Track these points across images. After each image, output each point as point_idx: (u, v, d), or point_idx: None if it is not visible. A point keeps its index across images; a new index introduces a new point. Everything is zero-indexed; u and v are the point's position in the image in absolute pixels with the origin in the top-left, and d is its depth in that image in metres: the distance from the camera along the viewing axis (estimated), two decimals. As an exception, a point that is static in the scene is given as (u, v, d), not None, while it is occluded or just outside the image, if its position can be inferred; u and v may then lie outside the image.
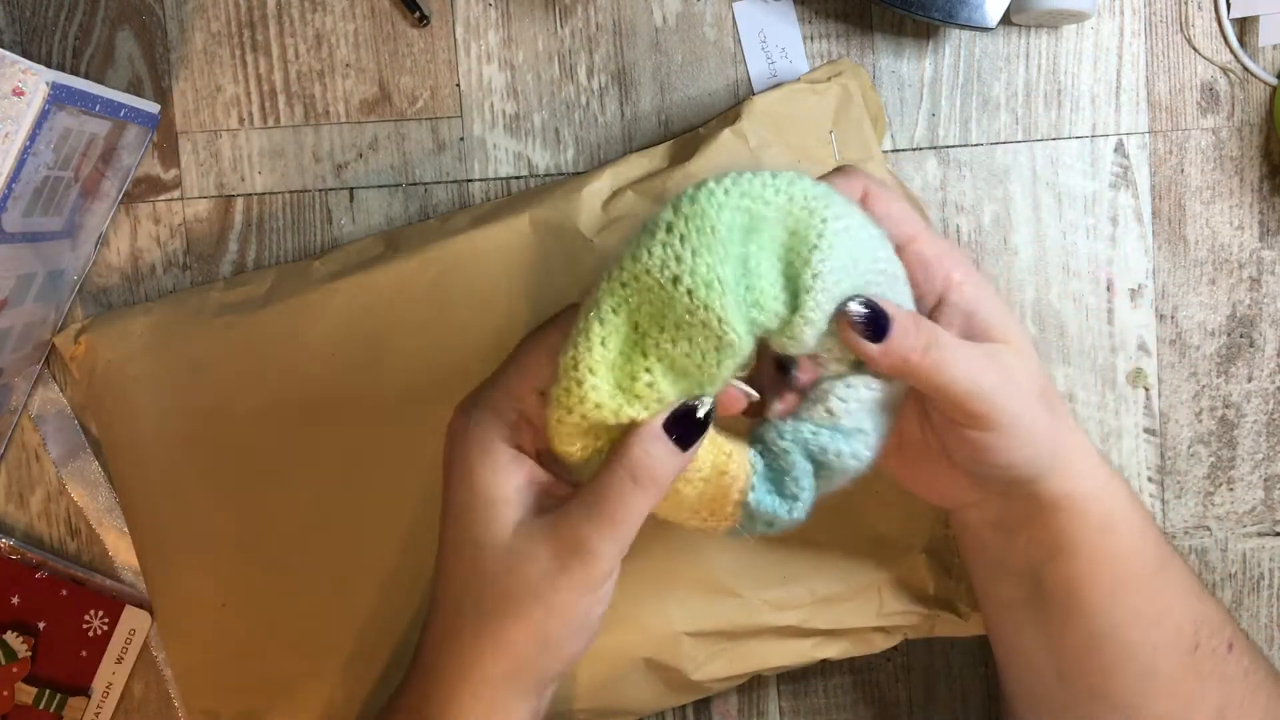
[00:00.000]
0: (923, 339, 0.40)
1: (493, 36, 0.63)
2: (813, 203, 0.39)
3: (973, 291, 0.43)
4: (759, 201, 0.39)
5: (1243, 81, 0.64)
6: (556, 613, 0.41)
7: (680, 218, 0.38)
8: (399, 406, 0.58)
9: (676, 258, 0.38)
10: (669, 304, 0.38)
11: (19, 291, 0.57)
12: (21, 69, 0.50)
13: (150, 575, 0.60)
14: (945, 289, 0.43)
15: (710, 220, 0.38)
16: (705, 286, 0.38)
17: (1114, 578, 0.47)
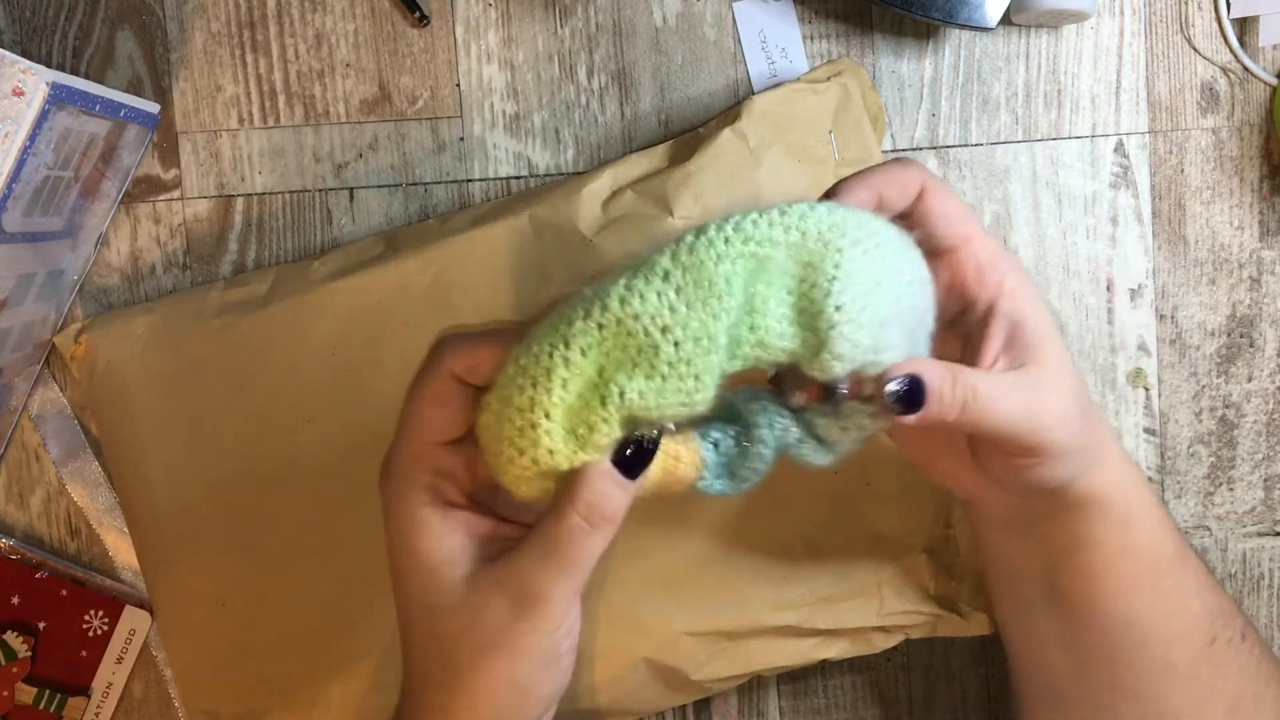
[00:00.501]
0: (959, 397, 0.39)
1: (493, 36, 0.63)
2: (827, 234, 0.37)
3: (1023, 300, 0.42)
4: (766, 244, 0.37)
5: (1243, 81, 0.64)
6: (522, 658, 0.40)
7: (679, 268, 0.36)
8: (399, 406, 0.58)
9: (670, 309, 0.36)
10: (647, 352, 0.36)
11: (19, 291, 0.57)
12: (21, 69, 0.50)
13: (150, 575, 0.60)
14: (997, 295, 0.42)
15: (709, 274, 0.36)
16: (694, 341, 0.36)
17: (1132, 571, 0.47)
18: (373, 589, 0.58)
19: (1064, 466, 0.44)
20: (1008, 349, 0.42)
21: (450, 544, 0.41)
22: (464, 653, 0.41)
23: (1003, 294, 0.42)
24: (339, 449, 0.58)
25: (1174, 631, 0.48)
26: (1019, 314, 0.42)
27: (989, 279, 0.42)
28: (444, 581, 0.41)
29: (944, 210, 0.41)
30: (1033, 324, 0.42)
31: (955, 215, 0.42)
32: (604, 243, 0.58)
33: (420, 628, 0.42)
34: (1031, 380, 0.41)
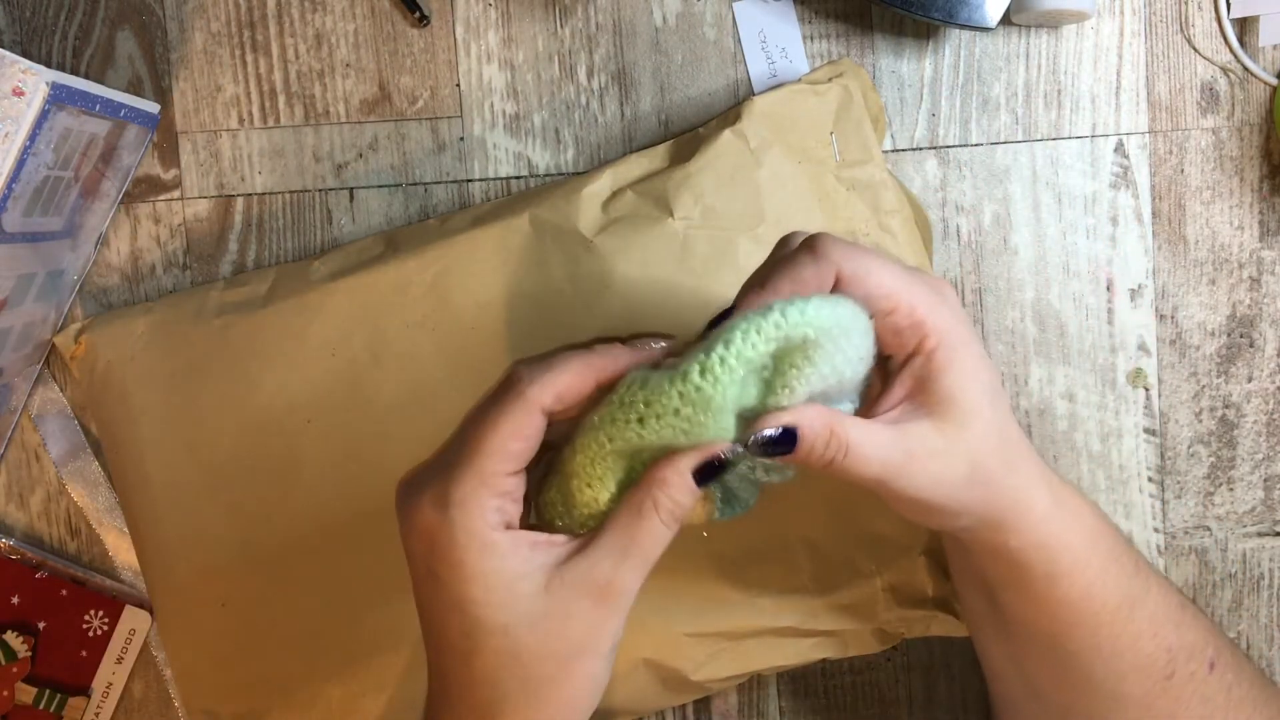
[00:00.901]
0: (830, 451, 0.41)
1: (493, 36, 0.63)
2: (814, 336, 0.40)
3: (941, 359, 0.43)
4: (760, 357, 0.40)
5: (1243, 81, 0.64)
6: (604, 655, 0.42)
7: (688, 404, 0.40)
8: (399, 406, 0.58)
9: (685, 433, 0.40)
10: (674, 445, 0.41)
11: (19, 291, 0.57)
12: (21, 69, 0.50)
13: (150, 575, 0.60)
14: (913, 354, 0.43)
15: (717, 403, 0.40)
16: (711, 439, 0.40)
17: (1067, 618, 0.47)
18: (372, 589, 0.58)
19: (942, 520, 0.44)
20: (910, 398, 0.43)
21: (517, 561, 0.41)
22: (549, 662, 0.41)
23: (919, 354, 0.43)
24: (339, 449, 0.58)
25: (1122, 670, 0.47)
26: (930, 371, 0.43)
27: (906, 342, 0.43)
28: (518, 598, 0.41)
29: (864, 295, 0.42)
30: (944, 382, 0.43)
31: (876, 294, 0.43)
32: (604, 243, 0.58)
33: (490, 651, 0.42)
34: (917, 437, 0.42)
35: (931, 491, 0.42)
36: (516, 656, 0.41)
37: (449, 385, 0.58)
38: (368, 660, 0.58)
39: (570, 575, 0.41)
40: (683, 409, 0.40)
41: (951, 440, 0.42)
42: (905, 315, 0.42)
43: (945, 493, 0.43)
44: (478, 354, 0.58)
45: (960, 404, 0.43)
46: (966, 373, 0.43)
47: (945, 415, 0.42)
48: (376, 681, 0.58)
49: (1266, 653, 0.65)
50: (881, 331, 0.43)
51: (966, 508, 0.44)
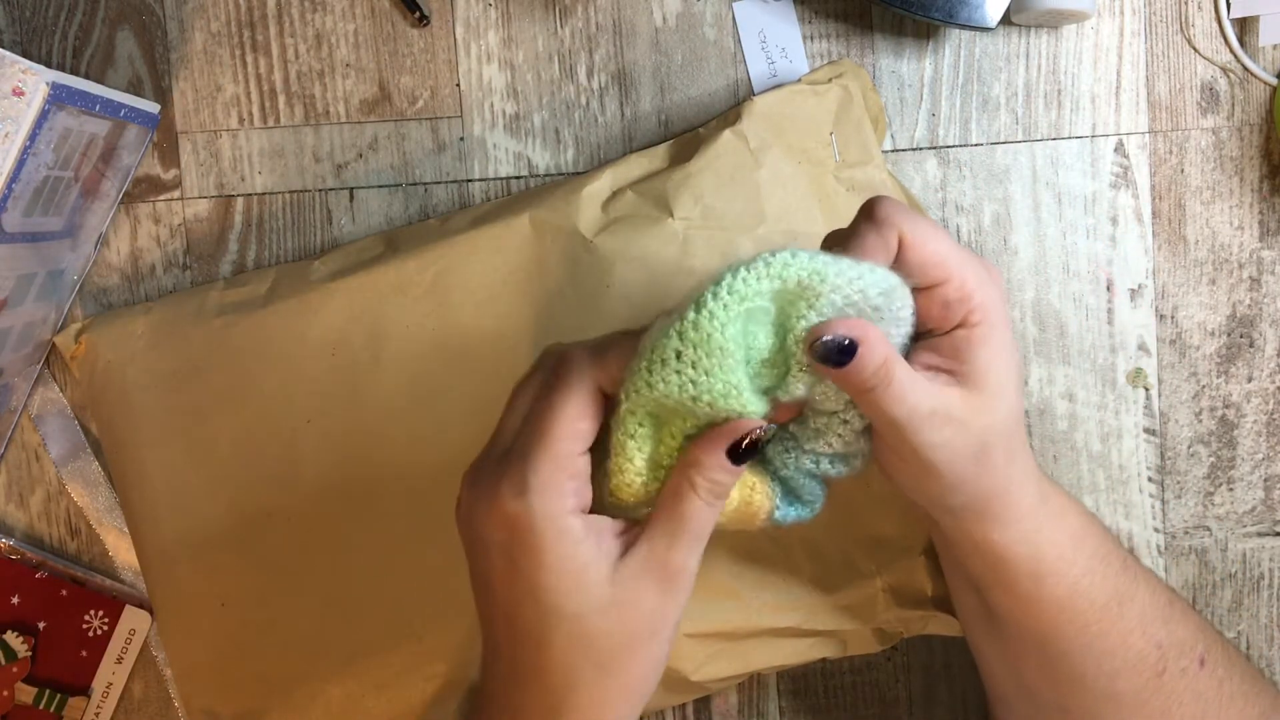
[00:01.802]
0: (879, 377, 0.41)
1: (493, 36, 0.63)
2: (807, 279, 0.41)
3: (978, 336, 0.43)
4: (756, 297, 0.40)
5: (1243, 81, 0.64)
6: (667, 636, 0.43)
7: (689, 345, 0.40)
8: (399, 406, 0.58)
9: (692, 382, 0.40)
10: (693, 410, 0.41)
11: (19, 291, 0.57)
12: (21, 69, 0.50)
13: (150, 575, 0.60)
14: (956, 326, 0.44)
15: (717, 341, 0.40)
16: (723, 398, 0.40)
17: (1055, 616, 0.47)
18: (372, 589, 0.58)
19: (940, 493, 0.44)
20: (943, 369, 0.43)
21: (588, 547, 0.42)
22: (618, 644, 0.42)
23: (962, 327, 0.43)
24: (339, 449, 0.58)
25: (1114, 668, 0.48)
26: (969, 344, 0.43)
27: (953, 315, 0.43)
28: (589, 584, 0.42)
29: (920, 260, 0.43)
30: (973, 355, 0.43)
31: (933, 261, 0.43)
32: (604, 243, 0.58)
33: (563, 636, 0.42)
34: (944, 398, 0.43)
35: (939, 454, 0.43)
36: (589, 642, 0.42)
37: (449, 385, 0.58)
38: (368, 660, 0.58)
39: (633, 561, 0.42)
40: (684, 351, 0.40)
41: (973, 414, 0.43)
42: (956, 288, 0.43)
43: (950, 461, 0.43)
44: (478, 354, 0.58)
45: (990, 383, 0.43)
46: (1001, 354, 0.43)
47: (975, 389, 0.43)
48: (376, 681, 0.58)
49: (1266, 652, 0.65)
50: (928, 304, 0.43)
51: (962, 484, 0.44)
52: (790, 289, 0.41)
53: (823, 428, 0.43)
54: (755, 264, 0.40)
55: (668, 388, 0.40)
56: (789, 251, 0.41)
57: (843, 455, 0.44)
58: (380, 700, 0.58)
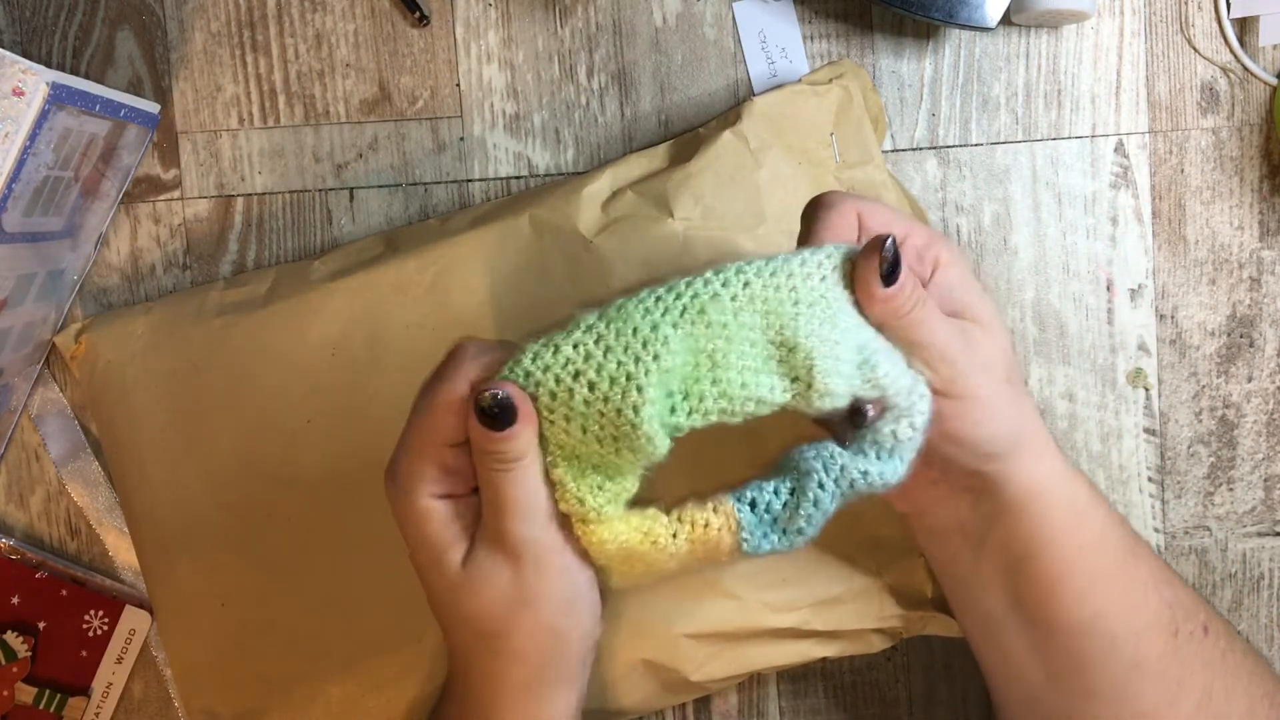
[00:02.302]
0: (915, 297, 0.43)
1: (493, 36, 0.63)
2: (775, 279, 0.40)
3: (955, 274, 0.45)
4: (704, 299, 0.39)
5: (1243, 81, 0.64)
6: (541, 603, 0.44)
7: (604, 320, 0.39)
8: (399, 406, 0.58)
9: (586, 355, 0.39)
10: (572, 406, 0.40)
11: (19, 291, 0.57)
12: (21, 69, 0.50)
13: (150, 575, 0.60)
14: (934, 270, 0.46)
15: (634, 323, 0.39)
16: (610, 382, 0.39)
17: (1089, 569, 0.48)
18: (372, 589, 0.58)
19: (988, 423, 0.45)
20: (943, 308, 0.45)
21: (451, 530, 0.44)
22: (490, 617, 0.44)
23: (939, 267, 0.45)
24: (339, 449, 0.58)
25: (1139, 627, 0.49)
26: (951, 284, 0.45)
27: (926, 259, 0.45)
28: (451, 565, 0.44)
29: (880, 224, 0.45)
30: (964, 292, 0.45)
31: (890, 221, 0.45)
32: (604, 243, 0.58)
33: (447, 615, 0.45)
34: (963, 326, 0.45)
35: (984, 376, 0.44)
36: (465, 618, 0.45)
37: (449, 385, 0.58)
38: (368, 660, 0.58)
39: (479, 543, 0.43)
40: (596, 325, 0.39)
41: (985, 337, 0.45)
42: (920, 237, 0.45)
43: (993, 382, 0.44)
44: (478, 354, 0.58)
45: (985, 312, 0.45)
46: (978, 287, 0.46)
47: (976, 319, 0.45)
48: (376, 681, 0.58)
49: (1267, 652, 0.65)
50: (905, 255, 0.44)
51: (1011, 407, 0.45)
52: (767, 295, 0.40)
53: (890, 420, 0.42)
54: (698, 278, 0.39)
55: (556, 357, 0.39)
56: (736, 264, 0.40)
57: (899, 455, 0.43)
58: (380, 700, 0.58)
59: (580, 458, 0.41)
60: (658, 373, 0.39)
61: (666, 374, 0.39)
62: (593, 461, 0.41)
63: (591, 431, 0.40)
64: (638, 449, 0.40)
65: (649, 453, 0.40)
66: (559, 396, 0.40)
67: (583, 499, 0.42)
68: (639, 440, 0.39)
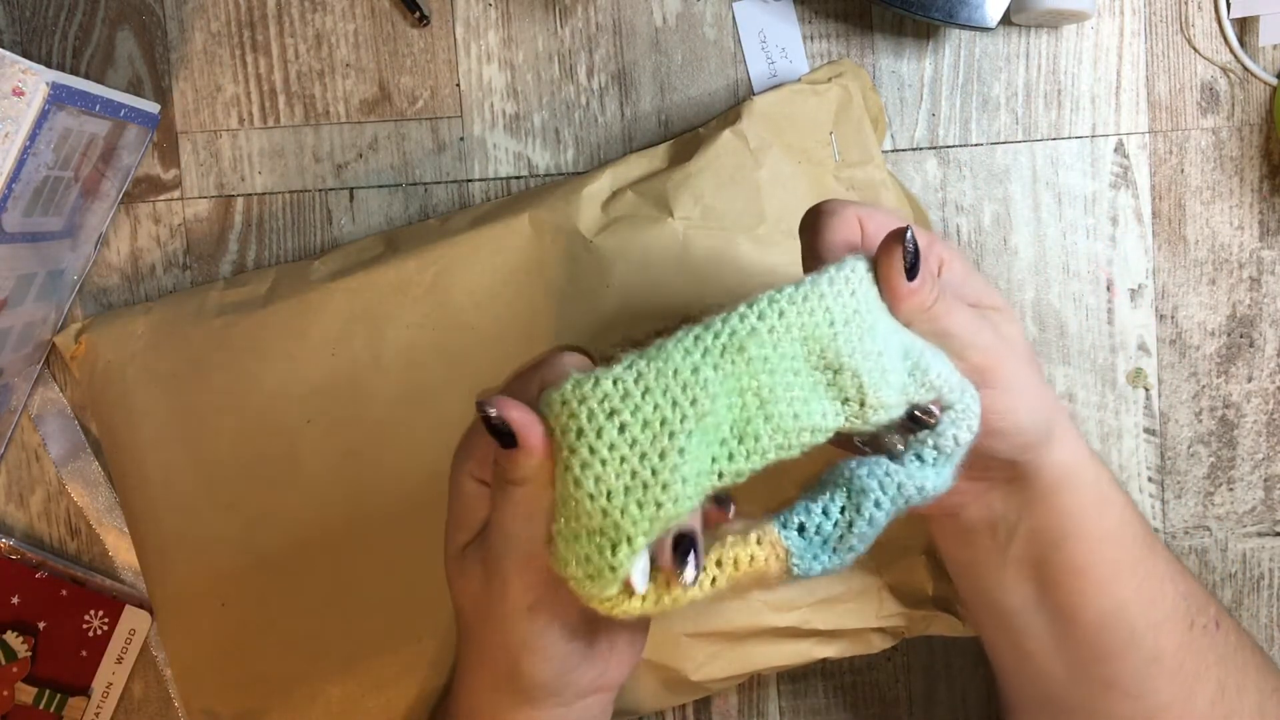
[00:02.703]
0: (937, 288, 0.42)
1: (493, 36, 0.63)
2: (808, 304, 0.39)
3: (959, 269, 0.45)
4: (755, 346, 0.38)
5: (1243, 81, 0.64)
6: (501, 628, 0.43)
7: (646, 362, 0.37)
8: (399, 406, 0.58)
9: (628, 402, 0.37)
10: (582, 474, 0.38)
11: (19, 291, 0.57)
12: (21, 69, 0.50)
13: (150, 575, 0.60)
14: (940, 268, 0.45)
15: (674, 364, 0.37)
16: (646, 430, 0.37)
17: (1115, 556, 0.48)
18: (372, 589, 0.58)
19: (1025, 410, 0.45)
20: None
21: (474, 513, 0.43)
22: (464, 614, 0.45)
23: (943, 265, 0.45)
24: (339, 449, 0.58)
25: (1157, 619, 0.49)
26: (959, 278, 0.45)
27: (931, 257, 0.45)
28: (454, 545, 0.44)
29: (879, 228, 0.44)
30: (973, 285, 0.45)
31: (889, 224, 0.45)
32: (604, 243, 0.58)
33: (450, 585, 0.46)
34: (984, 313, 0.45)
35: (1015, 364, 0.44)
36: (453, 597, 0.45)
37: (449, 385, 0.58)
38: (368, 660, 0.58)
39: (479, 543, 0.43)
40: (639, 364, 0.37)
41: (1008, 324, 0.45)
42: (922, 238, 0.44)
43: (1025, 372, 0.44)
44: (478, 354, 0.58)
45: (996, 299, 0.45)
46: (984, 280, 0.46)
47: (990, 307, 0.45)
48: (376, 681, 0.58)
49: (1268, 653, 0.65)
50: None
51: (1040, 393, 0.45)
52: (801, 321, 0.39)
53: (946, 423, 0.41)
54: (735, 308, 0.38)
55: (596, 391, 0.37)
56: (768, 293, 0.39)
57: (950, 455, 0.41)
58: (380, 700, 0.58)
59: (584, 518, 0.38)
60: (695, 419, 0.37)
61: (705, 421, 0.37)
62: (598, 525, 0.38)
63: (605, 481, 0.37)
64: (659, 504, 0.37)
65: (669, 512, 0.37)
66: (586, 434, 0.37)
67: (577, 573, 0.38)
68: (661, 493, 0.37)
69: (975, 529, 0.50)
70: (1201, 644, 0.50)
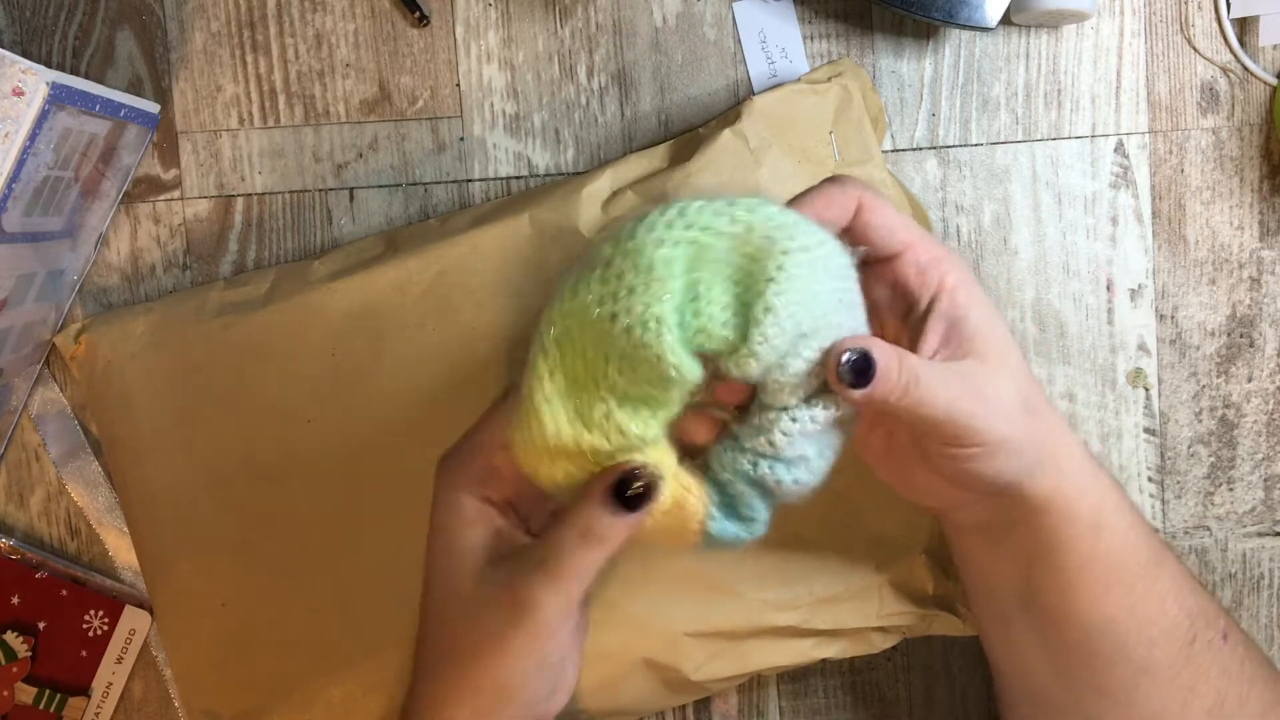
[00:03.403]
0: (904, 379, 0.40)
1: (493, 36, 0.63)
2: (774, 232, 0.39)
3: (963, 298, 0.43)
4: (708, 232, 0.38)
5: (1243, 81, 0.64)
6: (511, 662, 0.42)
7: (619, 253, 0.37)
8: (399, 406, 0.58)
9: (613, 296, 0.37)
10: (611, 338, 0.38)
11: (19, 291, 0.57)
12: (21, 69, 0.50)
13: (150, 575, 0.60)
14: (937, 294, 0.44)
15: (648, 257, 0.37)
16: (642, 326, 0.37)
17: (1106, 575, 0.48)
18: (372, 589, 0.58)
19: (1007, 460, 0.44)
20: (946, 343, 0.43)
21: (475, 534, 0.42)
22: (465, 643, 0.43)
23: (943, 291, 0.43)
24: (339, 449, 0.58)
25: (1152, 635, 0.48)
26: (957, 310, 0.43)
27: (929, 279, 0.43)
28: (460, 570, 0.43)
29: (882, 222, 0.43)
30: (973, 319, 0.43)
31: (894, 225, 0.43)
32: (604, 243, 0.58)
33: (434, 610, 0.44)
34: (967, 371, 0.43)
35: (994, 421, 0.42)
36: (449, 625, 0.43)
37: (449, 385, 0.58)
38: (368, 660, 0.58)
39: (498, 571, 0.42)
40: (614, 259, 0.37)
41: (996, 370, 0.43)
42: (925, 251, 0.43)
43: (1010, 422, 0.43)
44: (478, 354, 0.58)
45: (994, 339, 0.43)
46: (990, 311, 0.44)
47: (984, 351, 0.43)
48: (376, 681, 0.58)
49: (1267, 652, 0.65)
50: (902, 270, 0.43)
51: (1029, 437, 0.44)
52: (756, 241, 0.38)
53: (766, 424, 0.40)
54: (716, 199, 0.38)
55: (589, 296, 0.37)
56: (757, 198, 0.38)
57: (785, 461, 0.41)
58: (380, 700, 0.58)
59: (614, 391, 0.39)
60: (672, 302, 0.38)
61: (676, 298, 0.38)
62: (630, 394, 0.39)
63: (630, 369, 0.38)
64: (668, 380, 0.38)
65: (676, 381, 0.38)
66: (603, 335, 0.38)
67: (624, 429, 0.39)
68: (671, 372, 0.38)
69: (966, 527, 0.50)
70: (1204, 658, 0.49)
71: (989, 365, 0.43)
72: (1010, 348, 0.44)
